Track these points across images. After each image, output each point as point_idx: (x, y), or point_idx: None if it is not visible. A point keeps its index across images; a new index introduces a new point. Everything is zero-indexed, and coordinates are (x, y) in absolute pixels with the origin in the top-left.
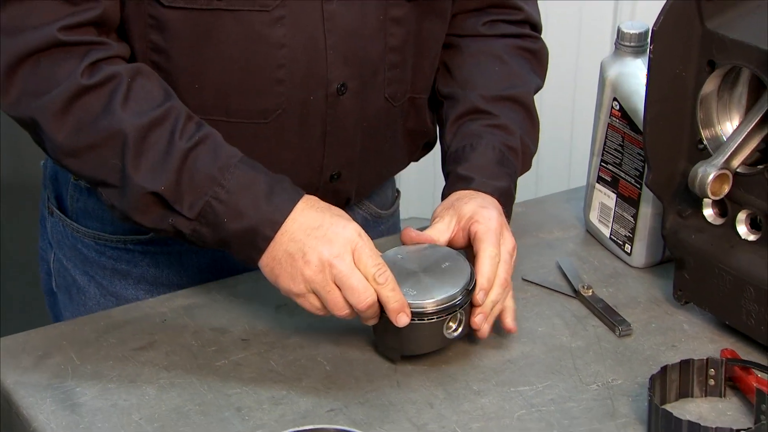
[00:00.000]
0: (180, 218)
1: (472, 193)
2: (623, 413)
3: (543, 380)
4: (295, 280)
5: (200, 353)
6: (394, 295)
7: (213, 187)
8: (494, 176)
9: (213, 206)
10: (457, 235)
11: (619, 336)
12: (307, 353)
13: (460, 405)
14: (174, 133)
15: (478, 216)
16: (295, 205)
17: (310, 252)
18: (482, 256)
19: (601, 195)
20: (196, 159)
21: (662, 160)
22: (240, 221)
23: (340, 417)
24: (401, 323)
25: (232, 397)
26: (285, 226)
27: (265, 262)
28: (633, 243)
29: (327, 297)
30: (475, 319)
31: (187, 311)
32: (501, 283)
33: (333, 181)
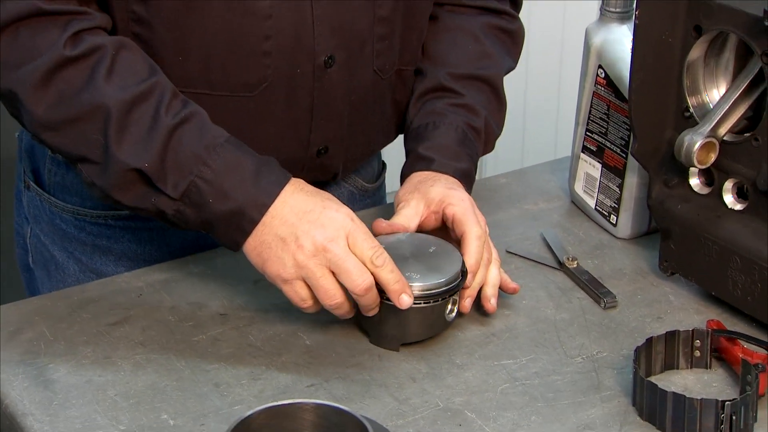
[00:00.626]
0: (163, 197)
1: (434, 174)
2: (608, 386)
3: (527, 353)
4: (286, 265)
5: (177, 328)
6: (394, 276)
7: (199, 166)
8: (455, 157)
9: (198, 186)
10: (428, 218)
11: (604, 308)
12: (286, 328)
13: (443, 379)
14: (159, 109)
15: (450, 198)
16: (283, 188)
17: (303, 236)
18: (469, 238)
19: (586, 165)
20: (182, 137)
21: (648, 128)
22: (226, 202)
23: (320, 392)
24: (404, 305)
25: (210, 373)
26: (274, 210)
27: (251, 246)
28: (618, 214)
29: (318, 283)
30: (465, 302)
31: (163, 286)
32: (485, 263)
33: (320, 156)
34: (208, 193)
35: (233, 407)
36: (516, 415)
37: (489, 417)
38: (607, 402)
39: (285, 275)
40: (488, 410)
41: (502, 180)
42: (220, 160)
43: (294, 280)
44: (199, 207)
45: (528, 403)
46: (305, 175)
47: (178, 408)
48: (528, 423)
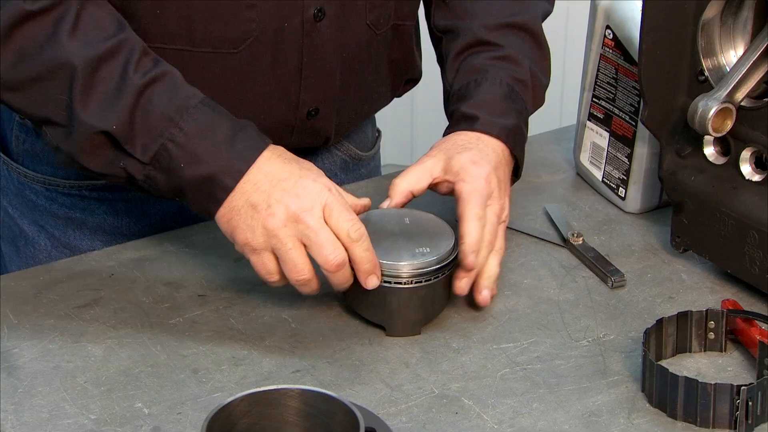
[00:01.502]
0: (132, 162)
1: (473, 137)
2: (615, 371)
3: (528, 336)
4: (255, 232)
5: (152, 310)
6: (367, 255)
7: (169, 128)
8: (501, 113)
9: (169, 150)
10: (441, 183)
11: (612, 287)
12: (270, 310)
13: (439, 364)
14: (127, 67)
15: (466, 173)
16: (260, 154)
17: (275, 204)
18: (466, 218)
19: (592, 134)
20: (152, 97)
21: (659, 94)
22: (198, 167)
23: (306, 378)
24: (370, 285)
25: (187, 358)
26: (248, 175)
27: (222, 213)
28: (627, 186)
29: (288, 255)
30: (460, 283)
31: (137, 264)
32: (486, 245)
33: (310, 118)
34: (179, 157)
35: (212, 394)
36: (516, 402)
37: (487, 404)
38: (615, 388)
39: (254, 244)
40: (487, 397)
41: None
42: (192, 122)
43: (262, 251)
44: (169, 172)
45: (529, 389)
46: (295, 138)
47: (153, 396)
48: (529, 410)
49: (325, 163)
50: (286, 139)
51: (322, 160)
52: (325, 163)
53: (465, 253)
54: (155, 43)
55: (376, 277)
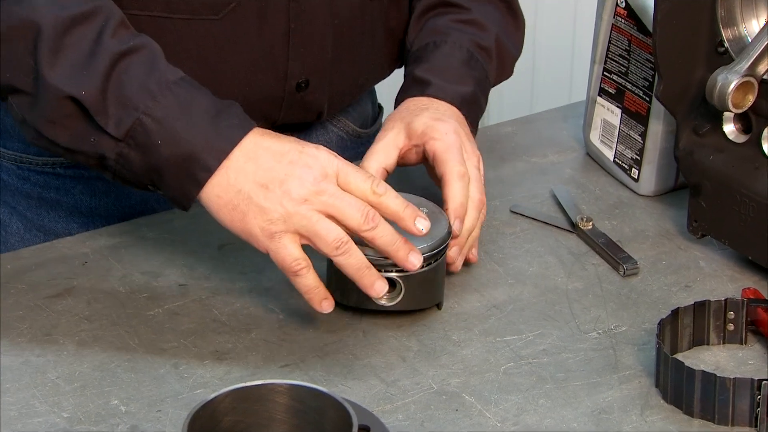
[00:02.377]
0: (104, 137)
1: (428, 101)
2: (627, 365)
3: (534, 328)
4: (272, 214)
5: (129, 301)
6: (400, 201)
7: (146, 101)
8: (456, 79)
9: (145, 125)
10: (409, 152)
11: (624, 276)
12: (256, 300)
13: (437, 358)
14: (103, 33)
15: (433, 131)
16: (246, 134)
17: (288, 179)
18: (449, 179)
19: (603, 111)
20: (129, 66)
21: (675, 67)
22: (177, 145)
23: (295, 373)
24: (421, 230)
25: (167, 352)
26: (244, 152)
27: (215, 195)
28: (641, 167)
29: (317, 227)
30: (450, 252)
31: (112, 251)
32: (475, 205)
33: (300, 91)
34: (157, 133)
35: (195, 391)
36: (521, 399)
37: (490, 401)
38: (627, 383)
39: (273, 228)
40: (489, 393)
41: (506, 128)
42: (172, 96)
43: (284, 234)
44: (145, 150)
45: (535, 384)
46: (284, 113)
47: (131, 392)
48: (535, 407)
49: (319, 140)
50: (275, 115)
51: (316, 137)
52: (320, 141)
53: (449, 217)
54: (130, 10)
55: (423, 218)
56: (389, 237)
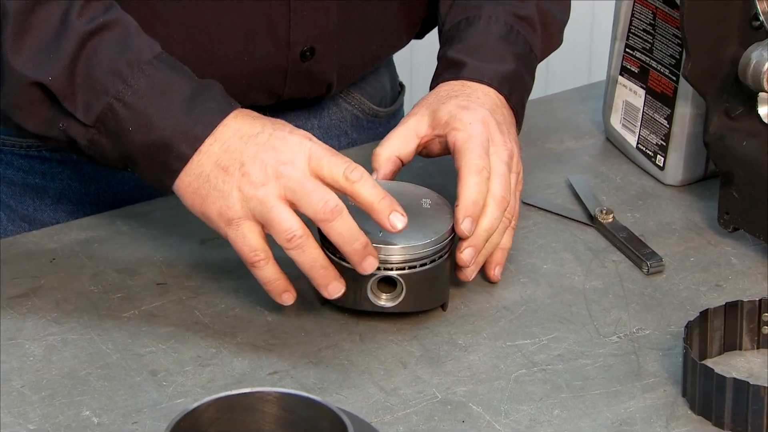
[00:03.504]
0: (73, 123)
1: (458, 86)
2: (651, 371)
3: (548, 331)
4: (229, 198)
5: (102, 302)
6: (376, 191)
7: (117, 84)
8: (494, 57)
9: (115, 110)
10: (432, 143)
11: (648, 274)
12: (242, 300)
13: (442, 364)
14: (70, 11)
15: (456, 121)
16: (223, 119)
17: (249, 162)
18: (464, 173)
19: (625, 92)
20: (98, 47)
21: (705, 43)
22: (149, 132)
23: (286, 380)
24: (396, 226)
25: (144, 358)
26: (213, 137)
27: (185, 183)
28: (666, 153)
29: (270, 214)
30: (462, 254)
31: (83, 247)
32: (497, 202)
33: (305, 60)
34: (128, 119)
35: (174, 401)
36: (534, 409)
37: (500, 411)
38: (650, 392)
39: (230, 213)
40: (499, 403)
41: None
42: (145, 79)
43: (241, 220)
44: (116, 137)
45: (549, 393)
46: (289, 86)
47: (104, 402)
48: (549, 419)
49: (332, 118)
50: (279, 87)
51: (329, 115)
52: (332, 119)
53: (457, 218)
54: None
55: (400, 214)
56: (347, 234)
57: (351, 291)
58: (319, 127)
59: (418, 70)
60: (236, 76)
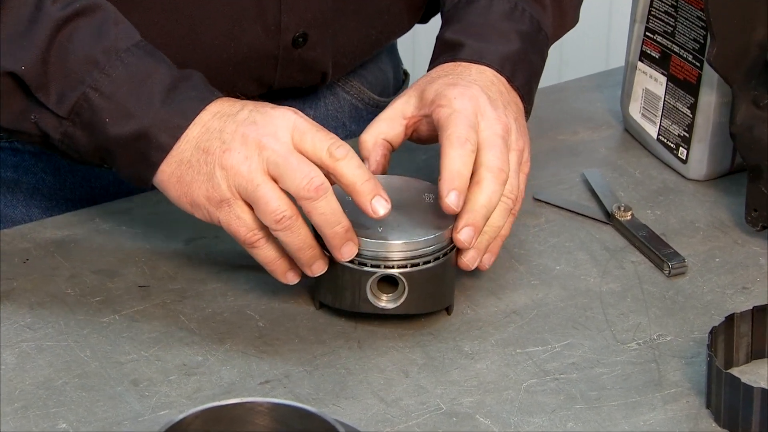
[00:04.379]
0: (46, 114)
1: (451, 66)
2: (673, 381)
3: (561, 338)
4: (213, 179)
5: (79, 306)
6: (361, 172)
7: (93, 73)
8: (496, 37)
9: (91, 100)
10: (420, 124)
11: (669, 275)
12: (231, 304)
13: (447, 373)
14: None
15: (441, 98)
16: (205, 107)
17: (230, 138)
18: (445, 145)
19: (645, 79)
20: (73, 34)
21: (732, 26)
22: (126, 123)
23: (278, 390)
24: (378, 212)
25: (125, 366)
26: (195, 122)
27: (167, 174)
28: (690, 146)
29: (257, 193)
30: (459, 234)
31: (59, 246)
32: (494, 174)
33: (298, 47)
34: (104, 110)
35: (158, 412)
36: (546, 422)
37: (509, 423)
38: (672, 403)
39: (217, 194)
40: (508, 415)
41: None
42: (122, 67)
43: (231, 201)
44: (91, 128)
45: (563, 404)
46: (281, 74)
47: (82, 414)
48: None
49: (329, 108)
50: (269, 76)
51: (326, 105)
52: (329, 109)
53: (441, 193)
54: None
55: (384, 199)
56: (330, 215)
57: (349, 292)
58: (314, 117)
59: (422, 56)
60: (222, 64)
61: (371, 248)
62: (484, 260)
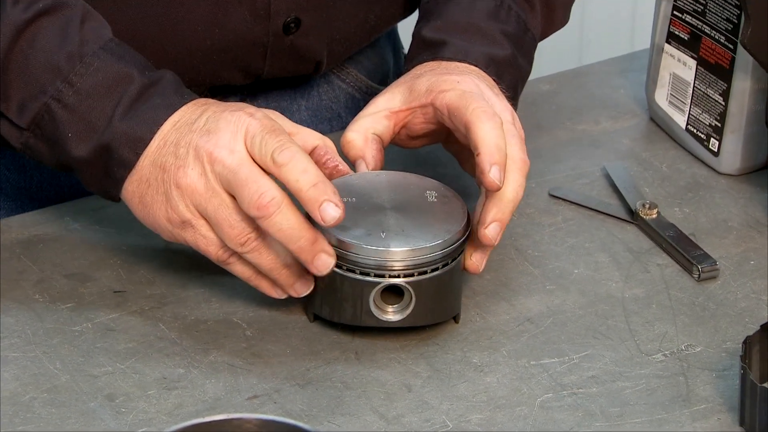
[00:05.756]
0: (6, 124)
1: (436, 64)
2: (703, 396)
3: (580, 348)
4: (171, 199)
5: (48, 313)
6: (307, 177)
7: (55, 82)
8: (480, 37)
9: (53, 113)
10: (414, 117)
11: (699, 280)
12: (216, 311)
13: (454, 387)
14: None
15: (442, 83)
16: (171, 114)
17: (184, 152)
18: (473, 120)
19: (672, 62)
20: (36, 37)
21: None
22: (90, 139)
23: (268, 406)
24: (328, 220)
25: (99, 380)
26: (159, 134)
27: (131, 192)
28: (722, 137)
29: (215, 215)
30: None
31: (26, 248)
32: (519, 166)
33: (289, 33)
34: (67, 123)
35: (135, 430)
36: None
37: None
38: (702, 420)
39: (176, 216)
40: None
41: (544, 86)
42: (88, 76)
43: (192, 221)
44: (53, 142)
45: (581, 422)
46: (270, 64)
47: None
48: None
49: (323, 98)
50: (257, 65)
51: (319, 94)
52: (323, 99)
53: (483, 168)
54: None
55: (334, 204)
56: (288, 231)
57: (349, 305)
58: (306, 108)
59: None
60: (205, 53)
61: (373, 256)
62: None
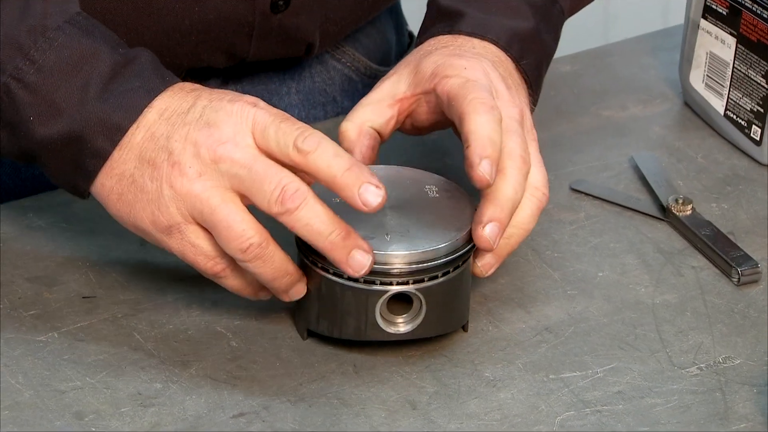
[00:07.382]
0: None
1: (450, 39)
2: (742, 414)
3: (605, 360)
4: (161, 200)
5: (9, 321)
6: (341, 161)
7: (15, 59)
8: (503, 9)
9: (12, 93)
10: (418, 105)
11: (738, 284)
12: (197, 318)
13: (463, 404)
14: None
15: (446, 68)
16: (153, 99)
17: (179, 147)
18: (468, 111)
19: (709, 40)
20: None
21: None
22: (55, 122)
23: (256, 425)
24: (372, 204)
25: (67, 396)
26: (138, 122)
27: (107, 187)
28: (765, 123)
29: (216, 216)
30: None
31: None
32: (517, 163)
33: (278, 13)
34: (28, 105)
35: None
36: None
37: None
38: None
39: (164, 219)
40: None
41: (565, 66)
42: (52, 51)
43: (182, 225)
44: (13, 127)
45: None
46: (257, 46)
47: None
48: None
49: (315, 80)
50: (243, 47)
51: (311, 76)
52: (316, 81)
53: (472, 161)
54: None
55: (374, 186)
56: (318, 225)
57: (352, 318)
58: (297, 91)
59: None
60: (183, 32)
61: (379, 261)
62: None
